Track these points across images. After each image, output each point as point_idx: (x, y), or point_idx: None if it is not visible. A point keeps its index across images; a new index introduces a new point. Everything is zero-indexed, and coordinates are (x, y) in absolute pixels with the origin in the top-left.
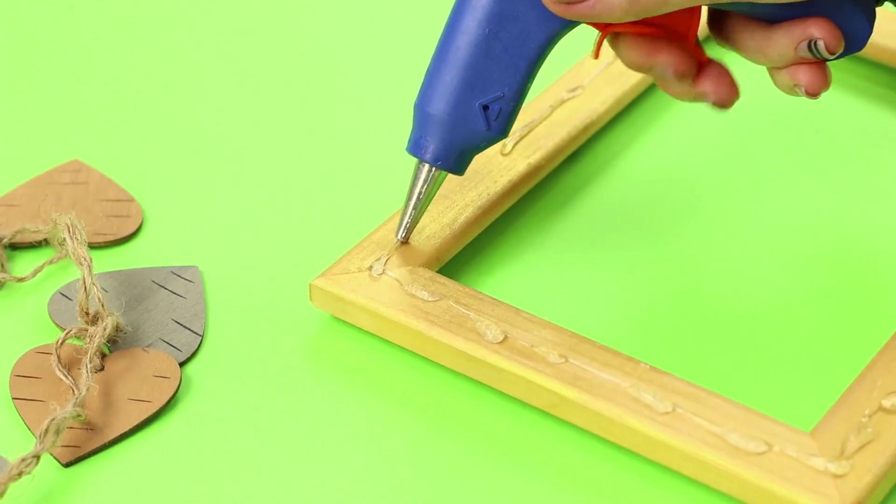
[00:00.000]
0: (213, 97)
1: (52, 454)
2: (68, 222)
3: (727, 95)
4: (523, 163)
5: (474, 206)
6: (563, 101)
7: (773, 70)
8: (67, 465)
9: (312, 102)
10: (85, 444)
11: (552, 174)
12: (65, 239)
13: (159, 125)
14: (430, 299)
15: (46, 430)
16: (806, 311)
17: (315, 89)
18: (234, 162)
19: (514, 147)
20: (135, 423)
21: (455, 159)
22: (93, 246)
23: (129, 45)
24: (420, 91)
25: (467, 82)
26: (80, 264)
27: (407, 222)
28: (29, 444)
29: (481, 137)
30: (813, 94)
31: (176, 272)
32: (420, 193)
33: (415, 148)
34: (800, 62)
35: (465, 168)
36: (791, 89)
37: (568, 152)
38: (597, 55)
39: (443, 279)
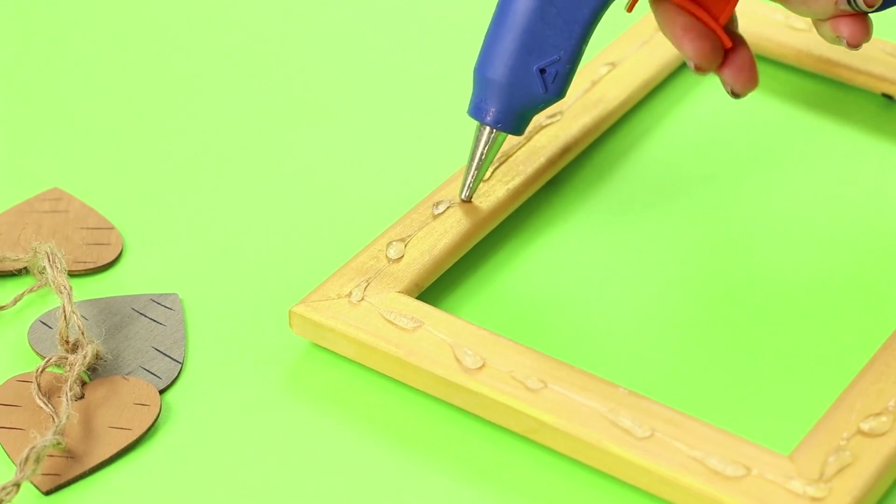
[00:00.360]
0: (191, 125)
1: (32, 482)
2: (48, 250)
3: (744, 86)
4: (502, 188)
5: (453, 233)
6: (542, 127)
7: (816, 22)
8: (48, 493)
9: (291, 131)
10: (65, 472)
11: (531, 200)
12: (45, 267)
13: (139, 154)
14: (409, 326)
15: (27, 459)
16: (784, 334)
17: (292, 118)
18: (213, 190)
19: (493, 173)
20: (115, 451)
21: (514, 121)
22: (73, 274)
23: (108, 74)
24: (479, 55)
25: (524, 47)
26: (60, 292)
27: (470, 182)
28: (9, 473)
29: (539, 99)
30: (854, 45)
31: (156, 300)
32: (482, 154)
33: (476, 111)
34: (841, 14)
35: (525, 128)
36: (834, 40)
37: (547, 178)
38: (630, 9)
39: (422, 305)
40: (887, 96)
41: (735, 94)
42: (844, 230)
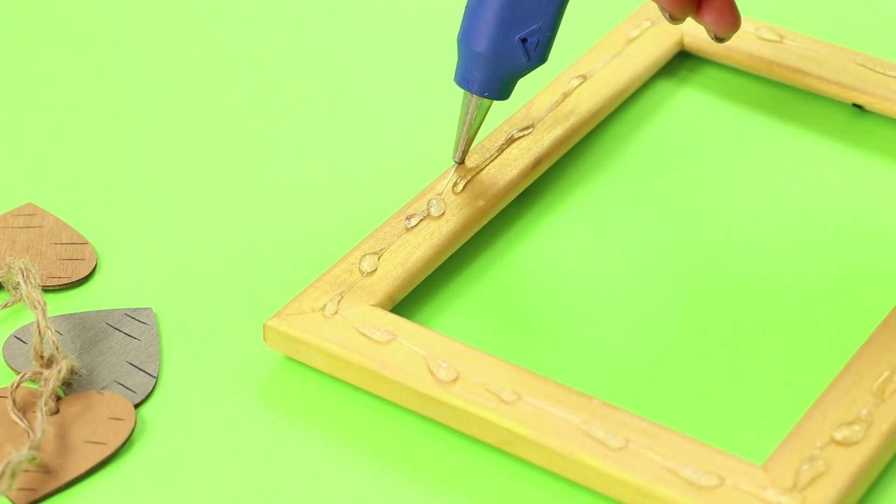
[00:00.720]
0: (164, 141)
1: (8, 498)
2: (22, 266)
3: (725, 29)
4: (475, 201)
5: (426, 245)
6: (514, 140)
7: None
8: None
9: (263, 146)
10: (41, 487)
11: (504, 212)
12: (19, 283)
13: (113, 169)
14: (382, 339)
15: (2, 474)
16: (757, 344)
17: (264, 133)
18: (186, 205)
19: (465, 185)
20: (90, 466)
21: (500, 88)
22: (47, 289)
23: (81, 89)
24: (461, 27)
25: (505, 19)
26: (35, 308)
27: (462, 146)
28: None
29: (523, 67)
30: (719, 37)
31: (130, 314)
32: (471, 120)
33: (463, 81)
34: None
35: (510, 93)
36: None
37: (519, 190)
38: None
39: (395, 318)
40: (857, 106)
41: (718, 39)
42: (817, 239)
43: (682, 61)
